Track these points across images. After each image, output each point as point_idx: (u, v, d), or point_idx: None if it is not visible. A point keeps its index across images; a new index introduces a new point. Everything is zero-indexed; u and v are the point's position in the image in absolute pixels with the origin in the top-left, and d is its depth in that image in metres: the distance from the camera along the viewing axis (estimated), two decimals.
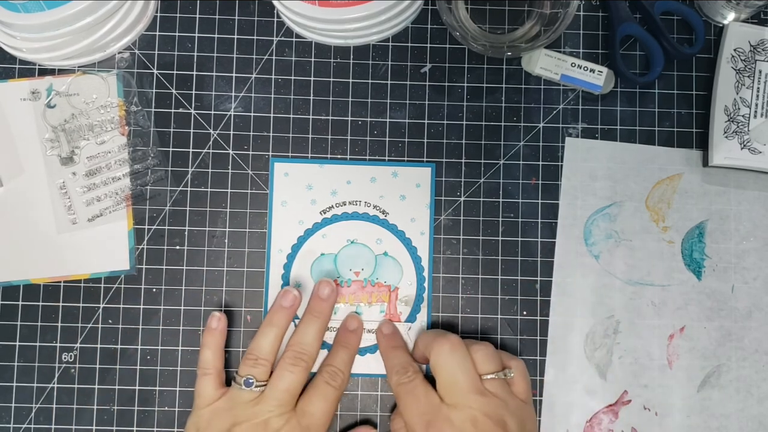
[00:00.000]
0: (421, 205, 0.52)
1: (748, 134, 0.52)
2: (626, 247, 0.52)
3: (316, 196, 0.51)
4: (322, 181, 0.52)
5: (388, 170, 0.52)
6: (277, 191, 0.51)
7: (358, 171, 0.52)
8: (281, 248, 0.51)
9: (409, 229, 0.52)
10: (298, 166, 0.52)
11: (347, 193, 0.52)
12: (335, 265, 0.51)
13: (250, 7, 0.53)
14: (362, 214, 0.52)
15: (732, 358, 0.52)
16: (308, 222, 0.51)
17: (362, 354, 0.51)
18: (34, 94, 0.52)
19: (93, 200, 0.51)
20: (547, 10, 0.52)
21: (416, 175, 0.52)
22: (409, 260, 0.51)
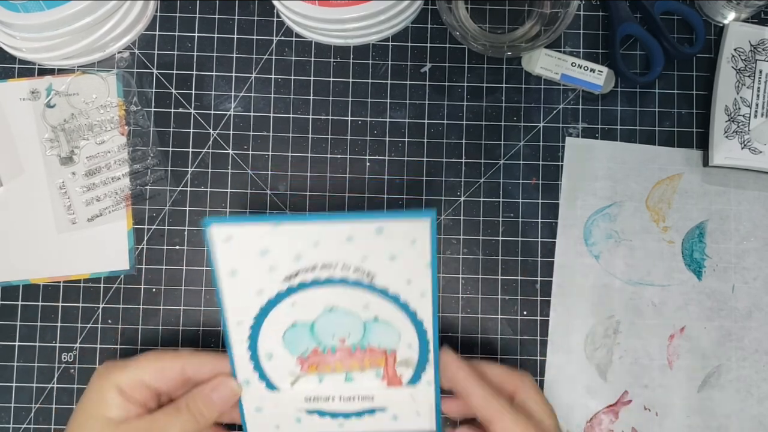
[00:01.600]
0: (418, 265, 0.41)
1: (748, 134, 0.52)
2: (626, 247, 0.52)
3: (275, 262, 0.41)
4: (280, 245, 0.40)
5: (368, 227, 0.40)
6: (221, 260, 0.41)
7: (327, 230, 0.40)
8: (241, 320, 0.42)
9: (405, 292, 0.42)
10: (243, 228, 0.40)
11: (316, 257, 0.41)
12: (312, 334, 0.43)
13: (249, 7, 0.53)
14: (340, 279, 0.41)
15: (732, 358, 0.51)
16: (269, 292, 0.42)
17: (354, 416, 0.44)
18: (34, 94, 0.52)
19: (92, 200, 0.51)
20: (547, 10, 0.52)
21: (409, 229, 0.40)
22: (407, 323, 0.42)
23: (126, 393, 0.41)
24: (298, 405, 0.44)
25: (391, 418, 0.44)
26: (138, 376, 0.42)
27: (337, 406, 0.44)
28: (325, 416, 0.44)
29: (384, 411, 0.44)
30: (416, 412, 0.44)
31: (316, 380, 0.43)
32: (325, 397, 0.43)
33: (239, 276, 0.41)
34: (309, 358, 0.43)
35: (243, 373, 0.43)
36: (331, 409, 0.44)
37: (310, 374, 0.43)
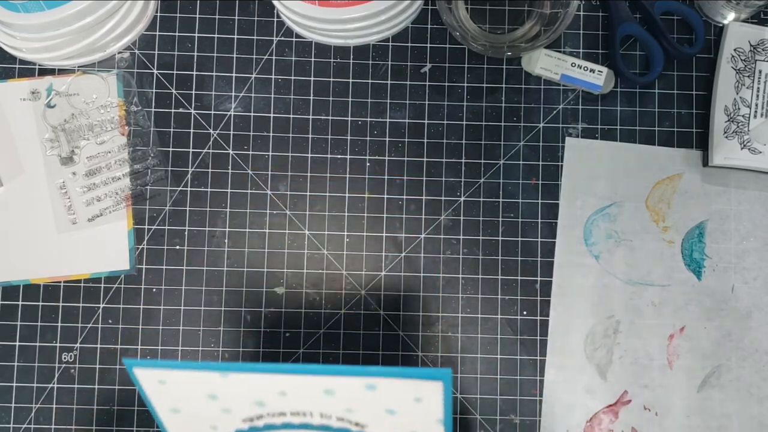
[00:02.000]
0: (427, 421, 0.31)
1: (748, 134, 0.52)
2: (626, 247, 0.52)
3: (229, 405, 0.32)
4: (232, 393, 0.31)
5: (356, 382, 0.29)
6: (157, 400, 0.32)
7: (295, 382, 0.30)
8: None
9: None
10: (180, 374, 0.30)
11: (285, 404, 0.31)
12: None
13: (250, 7, 0.53)
14: (319, 425, 0.32)
15: (732, 358, 0.51)
16: (225, 429, 0.33)
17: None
18: (34, 94, 0.52)
19: (93, 200, 0.51)
20: (547, 10, 0.52)
21: (413, 388, 0.29)
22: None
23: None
24: None
25: None
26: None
27: None
28: None
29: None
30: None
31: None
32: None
33: (183, 414, 0.32)
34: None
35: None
36: None
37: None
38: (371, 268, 0.52)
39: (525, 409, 0.51)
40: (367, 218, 0.52)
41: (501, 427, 0.51)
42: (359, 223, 0.52)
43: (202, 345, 0.51)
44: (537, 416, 0.51)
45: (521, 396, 0.51)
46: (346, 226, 0.52)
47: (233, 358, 0.51)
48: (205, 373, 0.30)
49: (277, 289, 0.51)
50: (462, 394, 0.50)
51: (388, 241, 0.52)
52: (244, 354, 0.50)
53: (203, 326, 0.51)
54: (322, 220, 0.52)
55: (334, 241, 0.52)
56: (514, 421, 0.51)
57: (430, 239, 0.52)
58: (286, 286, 0.51)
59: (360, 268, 0.52)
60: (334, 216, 0.52)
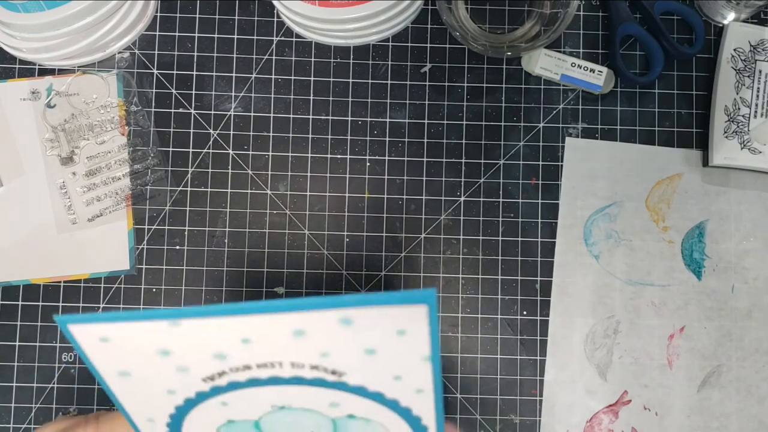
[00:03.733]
0: (411, 359, 0.27)
1: (748, 134, 0.52)
2: (626, 247, 0.52)
3: (186, 362, 0.27)
4: (187, 345, 0.26)
5: (329, 316, 0.25)
6: (100, 363, 0.28)
7: (259, 323, 0.25)
8: (152, 417, 0.29)
9: (393, 389, 0.28)
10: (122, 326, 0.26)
11: (249, 354, 0.26)
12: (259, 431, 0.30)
13: (250, 7, 0.53)
14: (291, 378, 0.27)
15: (732, 358, 0.52)
16: (186, 391, 0.28)
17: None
18: (34, 94, 0.52)
19: (93, 200, 0.51)
20: (547, 10, 0.52)
21: (394, 317, 0.25)
22: (397, 420, 0.29)
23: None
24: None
25: None
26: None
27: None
28: None
29: None
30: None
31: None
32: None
33: (134, 378, 0.28)
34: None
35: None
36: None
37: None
38: (371, 268, 0.52)
39: (525, 409, 0.51)
40: (367, 218, 0.52)
41: (501, 427, 0.51)
42: (359, 223, 0.52)
43: None
44: (537, 416, 0.51)
45: (521, 396, 0.51)
46: (346, 226, 0.52)
47: None
48: (152, 323, 0.25)
49: (278, 289, 0.51)
50: (462, 394, 0.50)
51: (388, 241, 0.52)
52: None
53: None
54: (322, 220, 0.52)
55: (334, 241, 0.52)
56: (514, 421, 0.51)
57: (430, 239, 0.52)
58: (286, 286, 0.51)
59: (360, 268, 0.52)
60: (334, 216, 0.52)
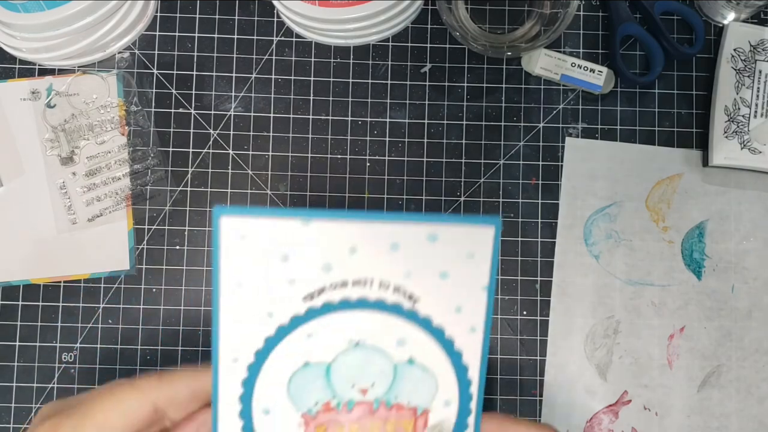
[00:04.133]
0: (473, 288, 0.33)
1: (748, 134, 0.52)
2: (626, 247, 0.52)
3: (297, 273, 0.32)
4: (307, 248, 0.32)
5: (421, 230, 0.32)
6: (229, 266, 0.31)
7: (369, 230, 0.32)
8: (237, 356, 0.33)
9: (453, 324, 0.33)
10: (263, 223, 0.31)
11: (350, 268, 0.32)
12: (327, 380, 0.33)
13: (250, 7, 0.53)
14: (375, 301, 0.32)
15: (732, 358, 0.52)
16: (283, 315, 0.32)
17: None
18: (34, 94, 0.52)
19: (93, 200, 0.51)
20: (547, 10, 0.52)
21: (469, 238, 0.32)
22: (448, 369, 0.34)
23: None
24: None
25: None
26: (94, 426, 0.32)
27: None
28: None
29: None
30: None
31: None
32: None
33: (246, 290, 0.32)
34: (317, 416, 0.33)
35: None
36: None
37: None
38: None
39: (525, 409, 0.51)
40: None
41: None
42: None
43: (201, 345, 0.51)
44: (537, 416, 0.51)
45: (521, 396, 0.51)
46: None
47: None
48: (289, 220, 0.31)
49: None
50: None
51: None
52: None
53: (203, 326, 0.51)
54: None
55: None
56: None
57: None
58: None
59: None
60: None
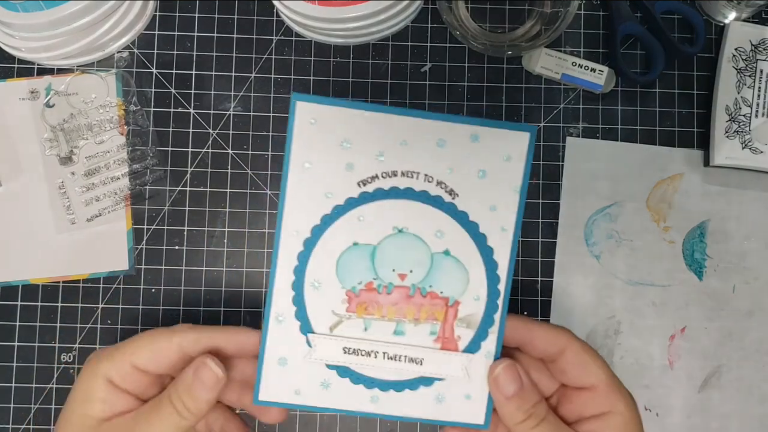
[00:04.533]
0: (507, 189, 0.37)
1: (749, 134, 0.52)
2: (627, 248, 0.52)
3: (355, 159, 0.36)
4: (366, 137, 0.36)
5: (465, 130, 0.36)
6: (299, 146, 0.36)
7: (419, 126, 0.36)
8: (298, 229, 0.36)
9: (486, 221, 0.37)
10: (333, 111, 0.36)
11: (400, 159, 0.36)
12: (372, 262, 0.37)
13: (249, 6, 0.53)
14: (420, 192, 0.37)
15: (733, 358, 0.51)
16: (340, 195, 0.37)
17: (392, 388, 0.38)
18: (33, 94, 0.51)
19: (92, 200, 0.51)
20: (547, 10, 0.52)
21: (507, 141, 0.37)
22: (479, 264, 0.37)
23: (116, 384, 0.37)
24: (333, 357, 0.37)
25: (435, 399, 0.37)
26: (129, 363, 0.37)
27: (379, 366, 0.37)
28: (358, 383, 0.37)
29: (429, 386, 0.37)
30: (466, 394, 0.37)
31: (361, 327, 0.37)
32: (368, 351, 0.37)
33: (312, 170, 0.36)
34: (360, 295, 0.37)
35: (280, 304, 0.37)
36: (370, 372, 0.37)
37: (355, 317, 0.37)
38: None
39: None
40: None
41: None
42: None
43: None
44: None
45: None
46: None
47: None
48: (352, 111, 0.36)
49: None
50: None
51: None
52: None
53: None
54: None
55: None
56: None
57: None
58: None
59: None
60: None
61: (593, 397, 0.37)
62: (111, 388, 0.37)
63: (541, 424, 0.36)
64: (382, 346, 0.37)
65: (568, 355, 0.37)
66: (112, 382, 0.37)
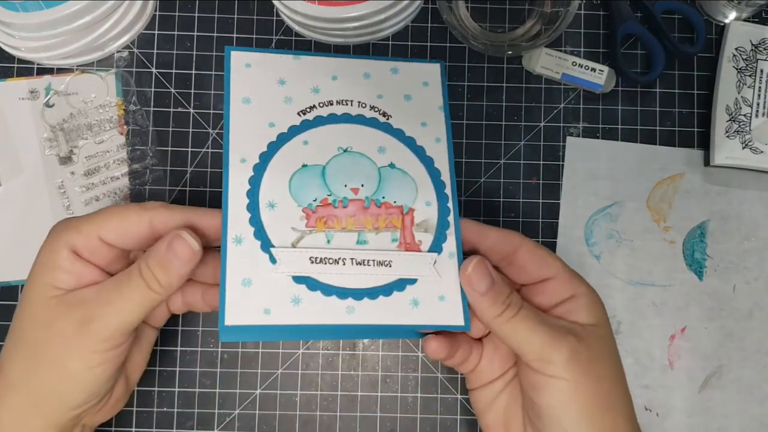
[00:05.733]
0: (432, 107, 0.42)
1: (749, 134, 0.52)
2: (627, 248, 0.52)
3: (292, 93, 0.40)
4: (299, 75, 0.41)
5: (385, 66, 0.43)
6: (236, 85, 0.40)
7: (346, 65, 0.42)
8: (245, 156, 0.38)
9: (421, 135, 0.41)
10: (265, 56, 0.41)
11: (334, 91, 0.41)
12: (323, 179, 0.39)
13: (249, 6, 0.53)
14: (356, 116, 0.41)
15: (733, 358, 0.51)
16: (282, 125, 0.40)
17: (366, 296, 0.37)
18: (33, 94, 0.51)
19: (92, 200, 0.51)
20: (547, 9, 0.52)
21: (422, 72, 0.43)
22: (424, 174, 0.41)
23: (82, 255, 0.36)
24: (300, 268, 0.37)
25: (410, 303, 0.38)
26: (96, 235, 0.36)
27: (348, 272, 0.37)
28: (330, 294, 0.36)
29: (402, 290, 0.38)
30: (439, 296, 0.38)
31: (323, 240, 0.38)
32: (335, 259, 0.37)
33: (252, 104, 0.39)
34: (317, 211, 0.38)
35: (236, 227, 0.37)
36: (340, 281, 0.37)
37: (316, 232, 0.38)
38: None
39: None
40: None
41: None
42: None
43: (201, 345, 0.51)
44: None
45: None
46: None
47: (232, 357, 0.50)
48: (283, 56, 0.41)
49: None
50: (462, 395, 0.50)
51: None
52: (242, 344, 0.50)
53: (202, 326, 0.51)
54: None
55: None
56: None
57: None
58: None
59: None
60: None
61: (555, 285, 0.39)
62: (75, 258, 0.35)
63: (520, 312, 0.36)
64: (349, 253, 0.37)
65: (523, 251, 0.39)
66: (77, 252, 0.36)
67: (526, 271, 0.39)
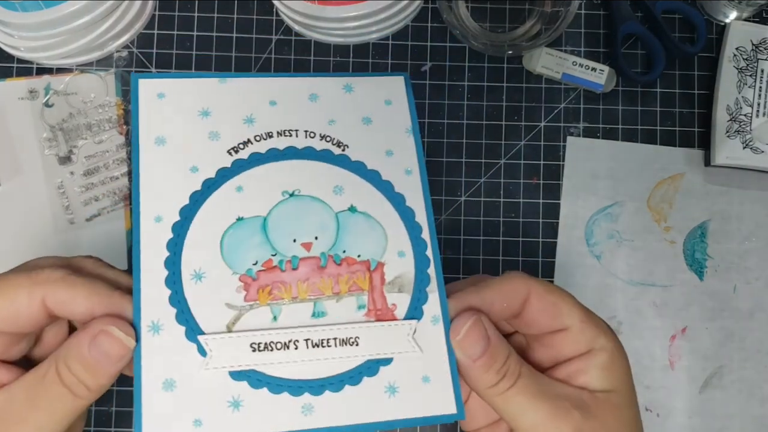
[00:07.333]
0: (398, 131, 0.33)
1: (750, 134, 0.51)
2: (628, 248, 0.52)
3: (219, 127, 0.31)
4: (226, 103, 0.32)
5: (336, 83, 0.33)
6: (147, 123, 0.31)
7: (286, 86, 0.32)
8: (160, 214, 0.30)
9: (387, 167, 0.32)
10: (182, 83, 0.31)
11: (273, 120, 0.32)
12: (266, 236, 0.30)
13: (249, 6, 0.53)
14: (303, 149, 0.31)
15: (734, 358, 0.51)
16: (208, 168, 0.31)
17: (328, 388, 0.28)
18: (32, 93, 0.51)
19: (91, 200, 0.51)
20: (548, 9, 0.52)
21: (382, 87, 0.34)
22: (393, 215, 0.32)
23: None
24: (238, 360, 0.28)
25: (386, 391, 0.29)
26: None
27: (303, 359, 0.28)
28: (280, 391, 0.28)
29: (374, 374, 0.29)
30: (423, 376, 0.30)
31: (269, 317, 0.29)
32: (284, 342, 0.28)
33: (168, 145, 0.30)
34: (259, 278, 0.29)
35: (152, 310, 0.28)
36: (292, 372, 0.28)
37: (258, 306, 0.29)
38: None
39: None
40: None
41: None
42: None
43: None
44: None
45: None
46: None
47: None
48: (205, 80, 0.32)
49: None
50: None
51: None
52: None
53: None
54: None
55: None
56: None
57: None
58: None
59: None
60: None
61: (569, 338, 0.32)
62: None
63: (518, 382, 0.30)
64: (302, 332, 0.28)
65: (533, 301, 0.32)
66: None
67: (537, 324, 0.33)
